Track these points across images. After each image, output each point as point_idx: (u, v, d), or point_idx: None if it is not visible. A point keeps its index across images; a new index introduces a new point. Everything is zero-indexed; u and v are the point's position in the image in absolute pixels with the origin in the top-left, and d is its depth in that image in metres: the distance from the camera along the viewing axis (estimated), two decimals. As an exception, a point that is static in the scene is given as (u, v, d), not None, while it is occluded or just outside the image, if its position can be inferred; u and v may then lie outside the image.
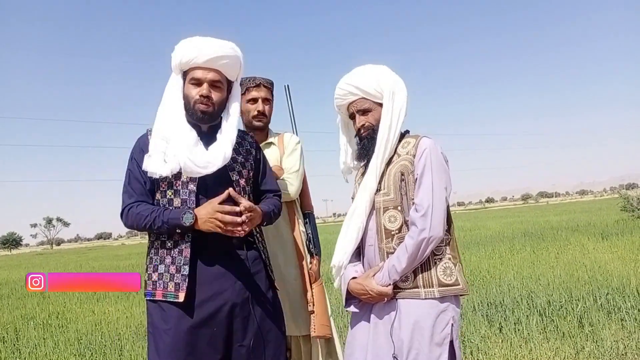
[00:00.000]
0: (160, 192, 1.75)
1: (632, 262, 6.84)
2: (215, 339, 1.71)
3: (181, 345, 1.66)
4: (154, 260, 1.75)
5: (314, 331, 2.20)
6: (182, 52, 1.75)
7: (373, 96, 1.80)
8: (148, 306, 1.76)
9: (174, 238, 1.72)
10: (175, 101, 1.76)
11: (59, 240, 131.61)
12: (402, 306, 1.68)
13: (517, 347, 3.56)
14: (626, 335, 3.64)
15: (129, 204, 1.73)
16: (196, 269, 1.71)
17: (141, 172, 1.74)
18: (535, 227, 16.36)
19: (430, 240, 1.63)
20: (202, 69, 1.75)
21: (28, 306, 8.04)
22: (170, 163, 1.69)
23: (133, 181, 1.76)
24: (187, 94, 1.77)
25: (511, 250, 9.69)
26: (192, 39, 1.77)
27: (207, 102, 1.75)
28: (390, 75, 1.83)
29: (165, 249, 1.73)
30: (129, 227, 1.76)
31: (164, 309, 1.70)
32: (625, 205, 16.22)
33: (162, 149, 1.71)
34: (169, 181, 1.73)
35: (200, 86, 1.75)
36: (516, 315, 4.35)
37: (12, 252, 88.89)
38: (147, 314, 1.76)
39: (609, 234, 10.92)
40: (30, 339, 5.39)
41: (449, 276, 1.68)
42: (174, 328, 1.67)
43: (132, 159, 1.79)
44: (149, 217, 1.68)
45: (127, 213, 1.73)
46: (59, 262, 24.85)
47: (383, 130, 1.76)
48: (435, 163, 1.70)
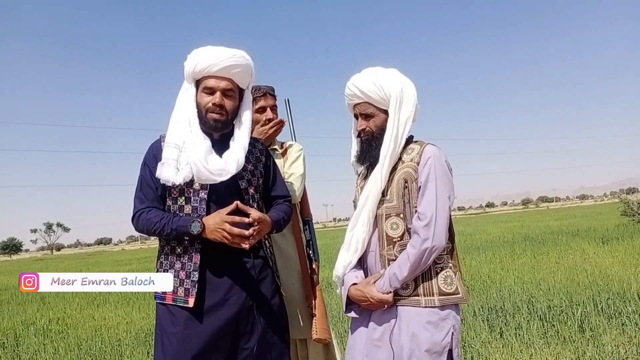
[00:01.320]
0: (171, 198, 1.78)
1: (632, 266, 6.83)
2: (221, 345, 1.73)
3: (188, 349, 1.69)
4: (164, 265, 1.78)
5: (316, 334, 2.21)
6: (195, 61, 1.76)
7: (377, 102, 1.78)
8: (157, 308, 1.79)
9: (183, 244, 1.75)
10: (189, 109, 1.79)
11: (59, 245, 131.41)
12: (402, 314, 1.68)
13: (517, 352, 3.55)
14: (627, 340, 3.64)
15: (140, 210, 1.77)
16: (205, 276, 1.73)
17: (153, 179, 1.77)
18: (536, 231, 16.34)
19: (432, 249, 1.63)
20: (215, 77, 1.77)
21: (28, 312, 8.03)
22: (183, 171, 1.72)
23: (145, 187, 1.80)
24: (200, 102, 1.79)
25: (512, 255, 9.68)
26: (205, 49, 1.79)
27: (220, 111, 1.77)
28: (398, 81, 1.78)
29: (175, 254, 1.76)
30: (140, 231, 1.79)
31: (173, 313, 1.73)
32: (626, 210, 16.19)
33: (174, 157, 1.73)
34: (180, 188, 1.76)
35: (213, 95, 1.77)
36: (517, 320, 4.34)
37: (13, 258, 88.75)
38: (155, 316, 1.79)
39: (609, 239, 10.91)
40: (30, 344, 5.38)
41: (449, 285, 1.68)
42: (181, 332, 1.70)
43: (145, 165, 1.82)
44: (158, 223, 1.71)
45: (137, 218, 1.77)
46: (58, 268, 24.81)
47: (387, 141, 1.74)
48: (439, 172, 1.69)
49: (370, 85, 1.77)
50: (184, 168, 1.72)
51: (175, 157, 1.74)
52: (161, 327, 1.76)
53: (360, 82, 1.79)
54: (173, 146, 1.75)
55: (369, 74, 1.81)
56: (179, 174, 1.72)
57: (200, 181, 1.73)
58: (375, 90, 1.76)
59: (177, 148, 1.75)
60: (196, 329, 1.70)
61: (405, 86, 1.78)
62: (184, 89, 1.83)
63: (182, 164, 1.73)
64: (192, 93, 1.81)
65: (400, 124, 1.75)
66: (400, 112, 1.76)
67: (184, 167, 1.72)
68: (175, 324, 1.71)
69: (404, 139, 1.76)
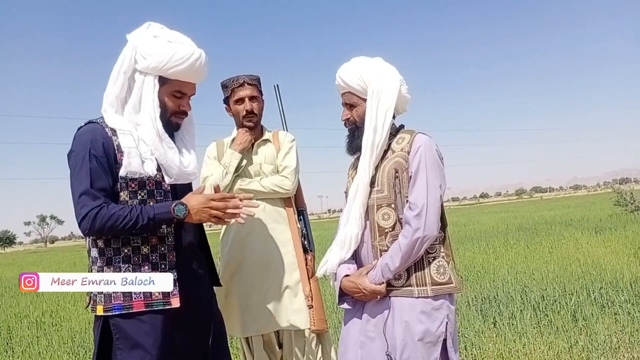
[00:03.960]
0: (129, 192, 1.60)
1: (625, 256, 6.87)
2: (199, 341, 1.73)
3: (170, 353, 1.61)
4: (123, 270, 1.59)
5: (314, 325, 2.20)
6: (173, 61, 1.64)
7: (358, 92, 1.77)
8: (117, 322, 1.57)
9: (150, 243, 1.62)
10: (155, 106, 1.66)
11: (53, 238, 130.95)
12: (395, 304, 1.67)
13: (511, 342, 3.57)
14: (619, 329, 3.66)
15: (97, 206, 1.52)
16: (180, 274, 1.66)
17: (108, 171, 1.57)
18: (529, 222, 16.43)
19: (424, 239, 1.62)
20: (190, 84, 1.74)
21: (21, 304, 7.99)
22: (150, 162, 1.62)
23: (97, 181, 1.55)
24: (168, 103, 1.70)
25: (505, 245, 9.71)
26: (183, 51, 1.66)
27: (184, 115, 1.76)
28: (379, 70, 1.75)
29: (141, 254, 1.61)
30: (96, 232, 1.54)
31: (146, 321, 1.57)
32: (619, 200, 16.31)
33: (134, 146, 1.61)
34: (140, 180, 1.61)
35: (182, 99, 1.73)
36: (510, 310, 4.36)
37: (6, 251, 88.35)
38: (113, 331, 1.58)
39: (602, 229, 10.98)
40: (23, 337, 5.36)
41: (442, 275, 1.67)
42: (162, 338, 1.58)
43: (90, 155, 1.55)
44: (128, 216, 1.52)
45: (95, 217, 1.51)
46: (52, 260, 24.72)
47: (368, 132, 1.73)
48: (430, 161, 1.68)
49: (351, 75, 1.76)
50: (148, 159, 1.61)
51: (135, 146, 1.60)
52: (130, 339, 1.56)
53: (342, 72, 1.80)
54: (128, 134, 1.61)
55: (351, 63, 1.81)
56: (146, 165, 1.61)
57: (176, 181, 1.68)
58: (356, 80, 1.75)
59: (131, 135, 1.61)
60: (180, 330, 1.65)
61: (385, 75, 1.75)
62: (148, 83, 1.65)
63: (146, 154, 1.62)
64: (156, 88, 1.66)
65: (379, 114, 1.72)
66: (379, 101, 1.73)
67: (148, 158, 1.62)
68: (151, 333, 1.57)
69: (384, 128, 1.73)
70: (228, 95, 2.34)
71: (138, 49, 1.65)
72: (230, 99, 2.35)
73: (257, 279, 2.26)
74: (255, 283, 2.26)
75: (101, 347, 1.61)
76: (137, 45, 1.65)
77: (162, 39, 1.67)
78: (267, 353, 2.30)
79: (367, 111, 1.74)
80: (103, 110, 1.66)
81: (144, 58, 1.64)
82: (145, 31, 1.68)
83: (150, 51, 1.64)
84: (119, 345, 1.57)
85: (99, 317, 1.60)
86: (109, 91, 1.66)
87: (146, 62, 1.64)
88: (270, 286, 2.26)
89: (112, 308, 1.56)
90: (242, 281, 2.26)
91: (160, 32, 1.69)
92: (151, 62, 1.64)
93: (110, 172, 1.58)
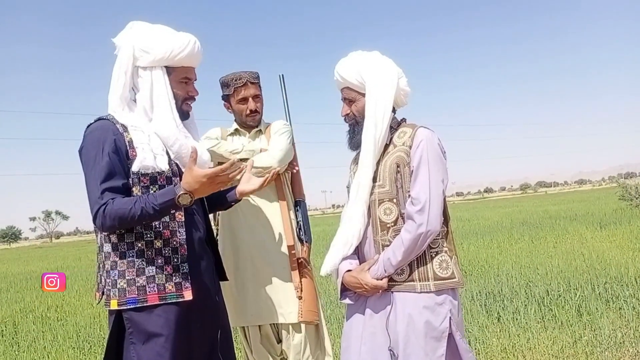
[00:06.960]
0: (141, 187, 1.61)
1: (630, 250, 6.85)
2: (209, 333, 1.74)
3: (183, 346, 1.63)
4: (137, 264, 1.59)
5: (301, 316, 2.19)
6: (176, 48, 1.68)
7: (356, 87, 1.76)
8: (131, 316, 1.57)
9: (163, 236, 1.63)
10: (169, 97, 1.70)
11: (58, 233, 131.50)
12: (397, 299, 1.67)
13: (515, 337, 3.56)
14: (624, 323, 3.65)
15: (103, 204, 1.52)
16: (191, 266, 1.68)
17: (121, 167, 1.58)
18: (534, 216, 16.39)
19: (427, 234, 1.61)
20: (192, 68, 1.78)
21: (27, 299, 8.04)
22: (162, 157, 1.64)
23: (113, 177, 1.56)
24: (177, 91, 1.73)
25: (509, 240, 9.70)
26: (179, 37, 1.71)
27: (192, 101, 1.81)
28: (377, 65, 1.75)
29: (154, 248, 1.61)
30: (109, 227, 1.55)
31: (160, 314, 1.58)
32: (624, 194, 16.23)
33: (147, 142, 1.63)
34: (152, 176, 1.62)
35: (188, 84, 1.77)
36: (514, 304, 4.35)
37: (12, 246, 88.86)
38: (126, 325, 1.58)
39: (607, 223, 10.94)
40: (29, 332, 5.39)
41: (444, 269, 1.66)
42: (176, 331, 1.60)
43: (103, 151, 1.56)
44: (133, 208, 1.51)
45: (103, 213, 1.52)
46: (58, 255, 24.86)
47: (368, 127, 1.72)
48: (432, 155, 1.66)
49: (348, 70, 1.75)
50: (160, 154, 1.63)
51: (147, 142, 1.62)
52: (145, 333, 1.57)
53: (340, 67, 1.79)
54: (139, 130, 1.64)
55: (349, 58, 1.80)
56: (158, 160, 1.62)
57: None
58: (353, 75, 1.74)
59: (142, 131, 1.64)
60: (193, 322, 1.66)
61: (383, 69, 1.74)
62: (156, 76, 1.68)
63: (158, 149, 1.64)
64: (167, 79, 1.70)
65: (378, 108, 1.71)
66: (377, 95, 1.72)
67: (160, 153, 1.64)
68: (164, 326, 1.58)
69: (384, 122, 1.72)
70: (230, 94, 2.32)
71: (137, 45, 1.66)
72: (231, 97, 2.32)
73: (248, 272, 2.25)
74: (247, 276, 2.25)
75: (112, 342, 1.61)
76: (135, 43, 1.66)
77: (157, 32, 1.69)
78: (267, 348, 2.30)
79: (366, 106, 1.73)
80: (111, 111, 1.68)
81: (146, 53, 1.66)
82: (136, 28, 1.70)
83: (152, 44, 1.66)
84: (132, 340, 1.57)
85: (113, 311, 1.60)
86: (113, 93, 1.68)
87: (150, 56, 1.66)
88: (261, 279, 2.25)
89: (126, 302, 1.56)
90: (233, 274, 2.24)
91: (151, 26, 1.71)
92: (156, 54, 1.66)
93: (123, 168, 1.59)
